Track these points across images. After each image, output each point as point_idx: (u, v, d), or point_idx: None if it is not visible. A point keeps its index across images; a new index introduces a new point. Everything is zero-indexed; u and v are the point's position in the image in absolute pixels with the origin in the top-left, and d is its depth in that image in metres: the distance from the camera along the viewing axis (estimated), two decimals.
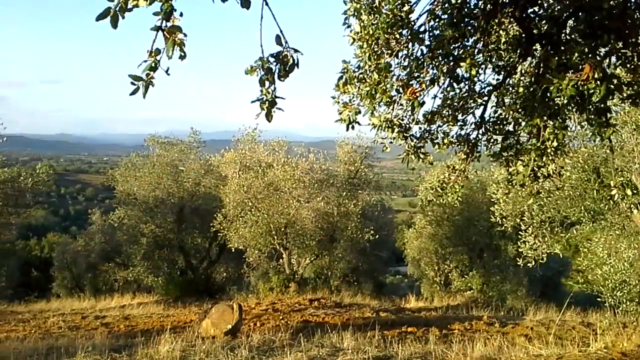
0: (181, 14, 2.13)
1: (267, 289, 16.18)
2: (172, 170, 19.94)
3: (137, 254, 21.05)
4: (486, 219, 19.75)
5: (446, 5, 3.59)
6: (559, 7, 3.64)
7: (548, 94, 3.30)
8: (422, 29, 3.66)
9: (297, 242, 15.90)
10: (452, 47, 3.61)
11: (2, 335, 11.10)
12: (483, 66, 4.16)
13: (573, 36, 3.56)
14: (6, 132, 12.74)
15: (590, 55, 3.25)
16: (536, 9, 3.75)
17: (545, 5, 3.76)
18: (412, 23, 3.61)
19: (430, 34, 3.68)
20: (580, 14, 3.35)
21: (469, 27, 3.60)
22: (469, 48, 3.75)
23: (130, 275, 22.23)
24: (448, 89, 4.07)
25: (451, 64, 3.66)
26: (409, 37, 3.57)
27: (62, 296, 25.05)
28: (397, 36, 3.58)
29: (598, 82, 3.03)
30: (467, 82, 4.12)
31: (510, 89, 4.56)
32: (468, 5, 3.61)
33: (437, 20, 3.68)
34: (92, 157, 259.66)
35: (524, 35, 3.89)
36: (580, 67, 3.20)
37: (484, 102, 4.40)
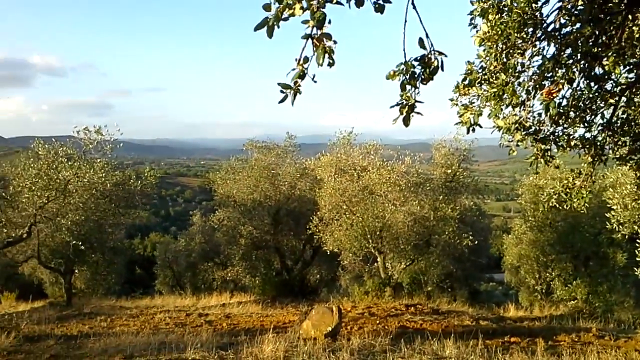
0: (329, 21, 2.15)
1: (362, 292, 16.13)
2: (269, 173, 20.42)
3: (236, 255, 21.73)
4: (592, 225, 18.67)
5: (580, 1, 3.37)
6: None
7: None
8: (550, 27, 3.47)
9: (392, 246, 15.74)
10: (590, 45, 3.39)
11: (117, 329, 11.83)
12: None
13: None
14: (99, 138, 13.49)
15: None
16: None
17: None
18: (543, 21, 3.44)
19: (560, 32, 3.49)
20: None
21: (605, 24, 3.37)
22: (605, 45, 3.51)
23: (229, 274, 22.97)
24: (581, 88, 3.84)
25: (586, 62, 3.45)
26: (542, 35, 3.40)
27: (164, 293, 26.37)
28: (524, 35, 3.42)
29: None
30: (600, 82, 3.86)
31: None
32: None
33: (570, 17, 3.48)
34: (191, 160, 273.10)
35: None
36: None
37: (614, 103, 4.11)
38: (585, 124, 4.20)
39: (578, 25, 3.37)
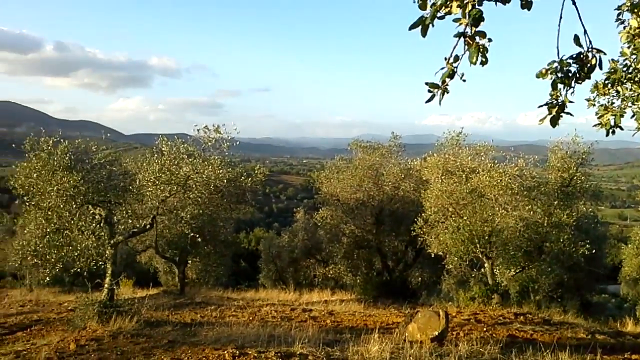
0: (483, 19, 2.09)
1: (467, 298, 15.68)
2: (373, 173, 20.44)
3: (338, 253, 21.95)
4: None
5: None
6: None
7: None
8: None
9: (501, 252, 15.14)
10: None
11: (228, 320, 12.37)
12: None
13: None
14: (217, 136, 14.02)
15: None
16: None
17: None
18: None
19: None
20: None
21: None
22: None
23: (331, 272, 23.24)
24: None
25: None
26: None
27: (267, 287, 27.16)
28: None
29: None
30: None
31: None
32: None
33: None
34: (293, 159, 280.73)
35: None
36: None
37: None
38: None
39: None
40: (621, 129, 3.52)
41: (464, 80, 2.26)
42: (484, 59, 2.21)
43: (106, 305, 10.70)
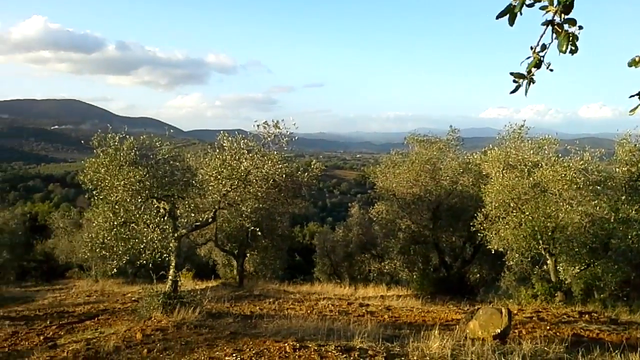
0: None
1: (529, 295, 15.25)
2: (430, 167, 20.14)
3: (394, 248, 21.79)
4: None
5: None
6: None
7: None
8: None
9: (565, 249, 14.64)
10: None
11: (286, 312, 12.54)
12: None
13: None
14: (276, 132, 14.14)
15: None
16: None
17: None
18: None
19: None
20: None
21: None
22: None
23: (386, 267, 23.12)
24: None
25: None
26: None
27: (322, 281, 27.31)
28: None
29: None
30: None
31: None
32: None
33: None
34: (347, 154, 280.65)
35: None
36: None
37: None
38: None
39: None
40: None
41: (551, 70, 2.20)
42: (573, 48, 2.14)
43: (170, 296, 10.97)
